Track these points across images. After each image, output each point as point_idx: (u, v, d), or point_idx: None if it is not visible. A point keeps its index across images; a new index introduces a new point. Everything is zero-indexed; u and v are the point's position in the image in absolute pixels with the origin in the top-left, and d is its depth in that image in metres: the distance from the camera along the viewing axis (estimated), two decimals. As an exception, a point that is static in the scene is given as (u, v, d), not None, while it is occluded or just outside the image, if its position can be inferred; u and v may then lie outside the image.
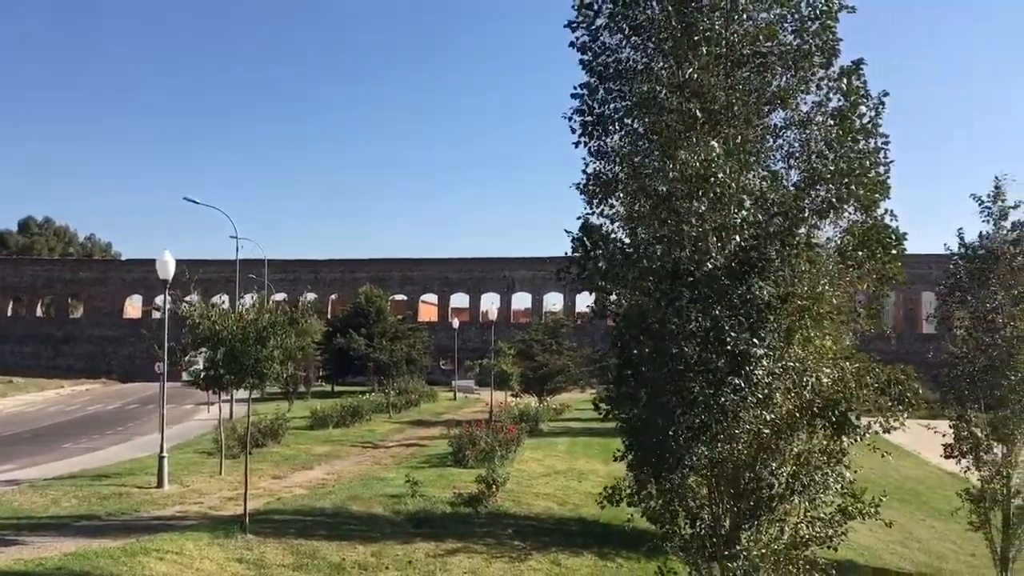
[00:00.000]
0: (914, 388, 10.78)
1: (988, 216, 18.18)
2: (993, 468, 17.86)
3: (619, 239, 10.18)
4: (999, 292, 17.70)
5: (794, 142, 10.22)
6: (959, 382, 18.00)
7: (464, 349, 71.52)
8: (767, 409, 9.42)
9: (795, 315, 9.87)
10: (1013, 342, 17.31)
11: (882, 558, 19.44)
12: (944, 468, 20.40)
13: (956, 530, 21.23)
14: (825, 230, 10.41)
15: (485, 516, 18.69)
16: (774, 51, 9.62)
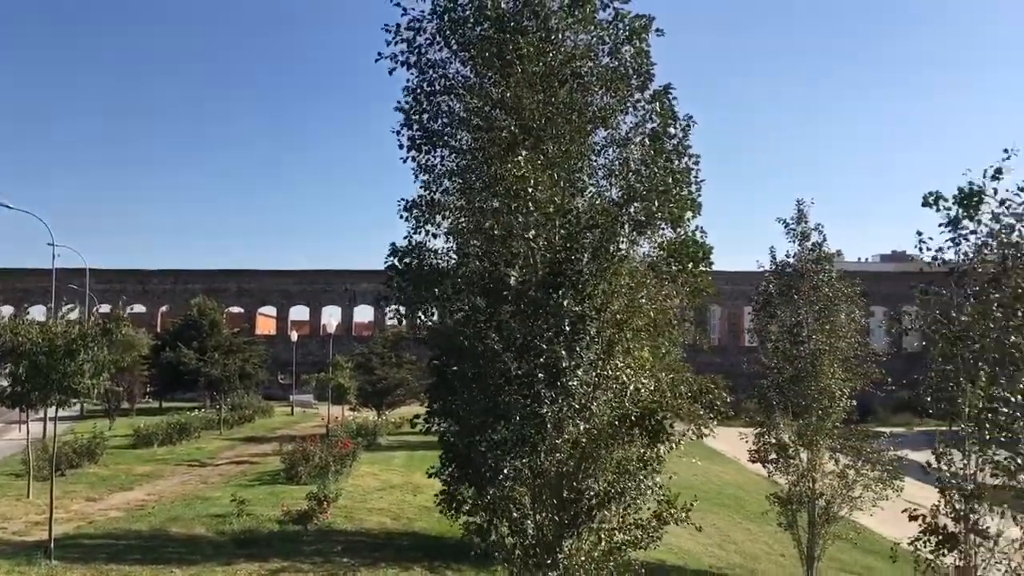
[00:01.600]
0: (722, 396, 11.37)
1: (793, 237, 19.65)
2: (799, 472, 19.13)
3: (439, 256, 10.26)
4: (803, 307, 19.09)
5: (614, 160, 10.62)
6: (768, 391, 19.24)
7: (304, 363, 69.78)
8: (586, 419, 9.67)
9: (614, 328, 10.20)
10: (816, 354, 18.68)
11: (701, 560, 20.36)
12: (761, 473, 21.65)
13: (769, 531, 22.54)
14: (642, 245, 10.88)
15: (314, 533, 18.24)
16: (592, 72, 9.96)
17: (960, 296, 10.99)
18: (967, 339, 10.69)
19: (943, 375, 10.99)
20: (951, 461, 10.85)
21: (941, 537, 10.89)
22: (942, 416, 11.12)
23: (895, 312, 15.49)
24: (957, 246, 10.99)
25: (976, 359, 10.62)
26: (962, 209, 10.80)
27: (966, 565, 10.77)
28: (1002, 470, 10.54)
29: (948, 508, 10.83)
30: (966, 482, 10.74)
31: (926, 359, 11.78)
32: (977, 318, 10.67)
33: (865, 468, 19.04)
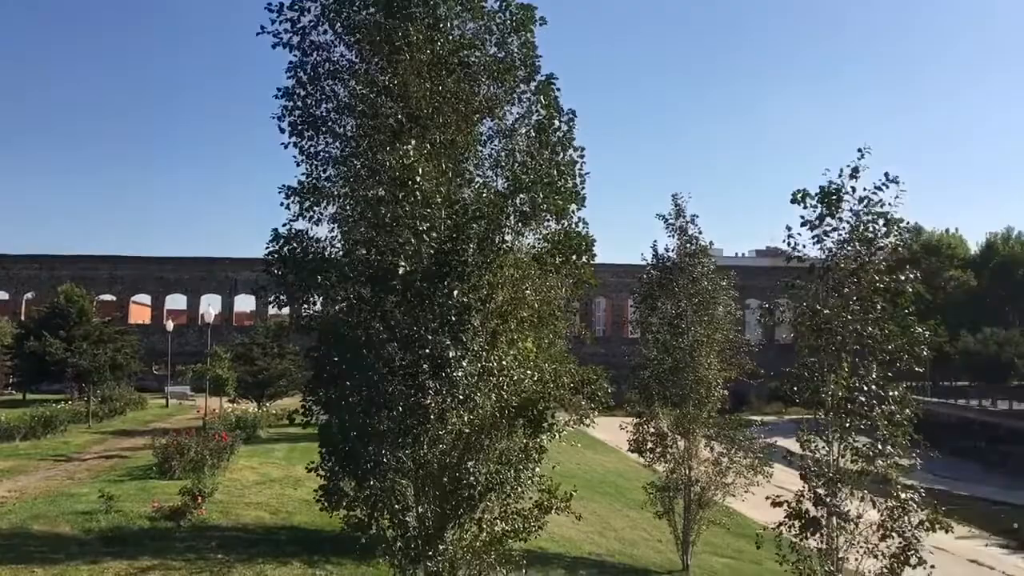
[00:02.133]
0: (604, 387, 11.60)
1: (672, 231, 20.26)
2: (676, 460, 19.76)
3: (323, 245, 10.06)
4: (683, 300, 19.70)
5: (500, 151, 10.65)
6: (648, 382, 19.78)
7: (181, 353, 67.28)
8: (470, 410, 9.66)
9: (499, 318, 10.24)
10: (695, 345, 19.32)
11: (581, 547, 20.73)
12: (641, 462, 22.30)
13: (647, 518, 23.12)
14: (527, 237, 10.96)
15: (188, 530, 17.61)
16: (480, 62, 9.95)
17: (824, 290, 11.54)
18: (829, 331, 11.25)
19: (808, 366, 11.53)
20: (815, 448, 11.41)
21: (804, 521, 11.43)
22: (808, 405, 11.68)
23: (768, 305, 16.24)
24: (821, 242, 11.55)
25: (838, 350, 11.19)
26: (824, 207, 11.35)
27: (828, 547, 11.35)
28: (861, 456, 11.15)
29: (811, 493, 11.37)
30: (828, 468, 11.31)
31: (795, 350, 12.35)
32: (838, 311, 11.24)
33: (738, 455, 19.83)
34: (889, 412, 10.97)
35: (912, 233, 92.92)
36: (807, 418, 11.94)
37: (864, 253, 11.32)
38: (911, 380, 12.28)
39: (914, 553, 10.91)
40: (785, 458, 12.37)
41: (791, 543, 11.68)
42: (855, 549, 11.33)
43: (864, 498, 11.45)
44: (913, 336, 11.14)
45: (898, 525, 11.02)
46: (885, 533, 11.07)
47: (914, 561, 10.92)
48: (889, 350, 11.11)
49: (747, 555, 22.92)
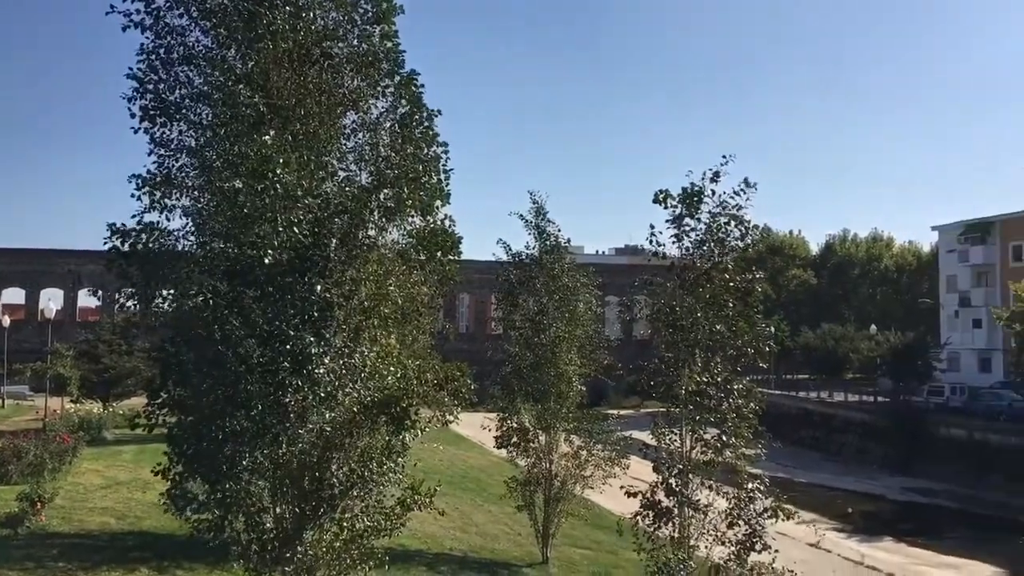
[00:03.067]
0: (467, 384, 11.64)
1: (531, 229, 20.59)
2: (537, 454, 20.11)
3: (176, 238, 9.65)
4: (545, 296, 20.04)
5: (364, 145, 10.51)
6: (511, 378, 20.03)
7: (19, 351, 62.86)
8: (331, 408, 9.50)
9: (362, 315, 10.11)
10: (556, 341, 19.69)
11: (443, 544, 20.77)
12: (504, 457, 22.56)
13: (509, 512, 23.42)
14: (392, 232, 10.87)
15: (26, 537, 16.55)
16: (343, 53, 9.78)
17: (680, 288, 12.02)
18: (684, 328, 11.73)
19: (664, 361, 11.98)
20: (669, 440, 11.87)
21: (658, 511, 11.88)
22: (663, 399, 12.13)
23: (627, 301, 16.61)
24: (680, 241, 12.03)
25: (691, 346, 11.68)
26: (685, 207, 11.83)
27: (680, 536, 11.82)
28: (710, 447, 11.69)
29: (664, 484, 11.82)
30: (680, 459, 11.79)
31: (653, 346, 12.81)
32: (692, 308, 11.74)
33: (596, 448, 20.37)
34: (736, 405, 11.54)
35: (760, 234, 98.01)
36: (662, 411, 12.40)
37: (718, 253, 11.85)
38: (757, 374, 12.96)
39: (759, 540, 11.52)
40: (641, 450, 12.80)
41: (647, 532, 12.10)
42: (705, 537, 11.86)
43: (713, 488, 12.00)
44: (760, 333, 11.77)
45: (745, 513, 11.61)
46: (733, 521, 11.64)
47: (759, 547, 11.52)
48: (738, 346, 11.69)
49: (605, 545, 23.57)
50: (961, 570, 27.72)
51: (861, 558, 28.17)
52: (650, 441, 12.47)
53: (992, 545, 31.23)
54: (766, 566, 11.58)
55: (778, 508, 11.65)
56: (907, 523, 36.01)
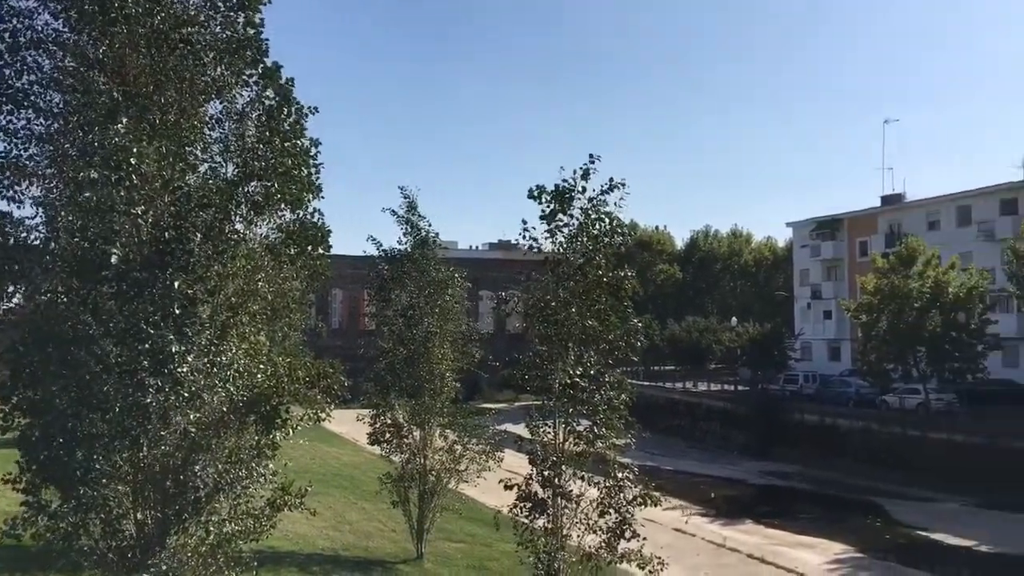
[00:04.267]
0: (340, 380, 11.46)
1: (403, 224, 20.45)
2: (412, 450, 20.03)
3: (25, 229, 9.07)
4: (416, 292, 19.94)
5: (230, 136, 10.16)
6: (384, 373, 19.86)
7: None
8: (196, 408, 9.15)
9: (229, 311, 9.78)
10: (428, 336, 19.63)
11: (315, 543, 20.40)
12: (379, 453, 22.32)
13: (383, 509, 23.21)
14: (260, 226, 10.56)
15: None
16: (204, 40, 9.42)
17: (554, 282, 12.20)
18: (558, 322, 11.93)
19: (538, 354, 12.15)
20: (543, 433, 12.05)
21: (533, 503, 12.04)
22: (537, 392, 12.29)
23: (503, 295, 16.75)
24: (553, 237, 12.19)
25: (565, 340, 11.88)
26: (557, 203, 11.99)
27: (554, 526, 12.02)
28: (583, 439, 11.93)
29: (539, 476, 11.99)
30: (554, 451, 11.98)
31: (526, 340, 12.97)
32: (566, 303, 11.94)
33: (471, 443, 20.45)
34: (608, 397, 11.82)
35: (629, 230, 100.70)
36: (536, 405, 12.57)
37: (590, 249, 12.08)
38: (626, 366, 13.30)
39: (629, 527, 11.84)
40: (516, 443, 12.96)
41: (522, 524, 12.24)
42: (577, 526, 12.10)
43: (585, 478, 12.25)
44: (631, 327, 12.09)
45: (615, 502, 11.90)
46: (604, 510, 11.92)
47: (628, 534, 11.84)
48: (610, 340, 11.97)
49: (479, 538, 23.70)
50: (815, 548, 29.30)
51: (723, 540, 29.38)
52: (525, 434, 12.63)
53: (842, 523, 33.21)
54: (635, 552, 11.90)
55: (646, 496, 11.99)
56: (766, 505, 37.78)
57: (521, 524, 12.16)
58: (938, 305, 42.54)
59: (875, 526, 33.11)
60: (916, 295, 42.89)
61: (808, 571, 25.72)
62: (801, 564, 26.56)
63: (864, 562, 27.60)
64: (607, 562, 12.04)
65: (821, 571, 26.01)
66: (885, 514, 34.85)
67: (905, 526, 32.99)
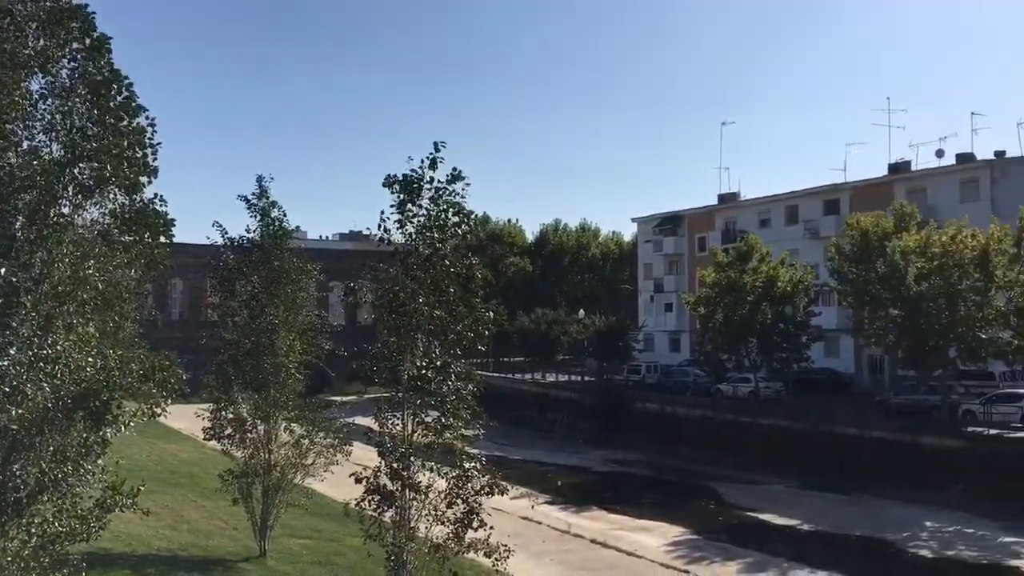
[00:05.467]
0: (177, 373, 10.97)
1: (254, 212, 19.76)
2: (256, 445, 19.42)
3: None
4: (262, 282, 19.32)
5: (56, 113, 9.51)
6: (227, 366, 19.15)
7: None
8: (18, 404, 8.56)
9: (55, 301, 9.20)
10: (275, 328, 19.08)
11: (150, 544, 19.47)
12: (220, 449, 21.50)
13: (224, 507, 22.42)
14: (91, 211, 9.96)
15: None
16: (26, 10, 8.78)
17: (403, 273, 12.13)
18: (407, 312, 11.87)
19: (387, 345, 12.06)
20: (391, 425, 11.98)
21: (382, 496, 11.97)
22: (386, 384, 12.21)
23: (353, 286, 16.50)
24: (403, 227, 12.12)
25: (414, 331, 11.84)
26: (406, 194, 11.93)
27: (402, 518, 11.99)
28: (431, 430, 11.95)
29: (388, 468, 11.92)
30: (402, 443, 11.94)
31: (376, 331, 12.84)
32: (415, 294, 11.90)
33: (318, 436, 20.04)
34: (456, 388, 11.88)
35: (480, 222, 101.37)
36: (385, 396, 12.48)
37: (439, 239, 12.08)
38: (476, 357, 13.28)
39: (476, 516, 11.95)
40: (366, 436, 12.81)
41: (371, 517, 12.14)
42: (426, 518, 12.12)
43: (434, 469, 12.28)
44: (479, 318, 12.18)
45: (463, 492, 11.99)
46: (451, 501, 11.98)
47: (476, 524, 11.96)
48: (458, 330, 12.02)
49: (326, 533, 23.33)
50: (654, 532, 30.58)
51: (568, 527, 30.18)
52: (374, 426, 12.51)
53: (680, 507, 34.82)
54: (482, 541, 12.04)
55: (494, 485, 12.14)
56: (609, 492, 39.08)
57: (369, 517, 12.06)
58: (769, 299, 45.20)
59: (710, 509, 34.89)
60: (750, 289, 45.39)
61: (647, 554, 26.80)
62: (641, 547, 27.65)
63: (699, 543, 29.03)
64: (455, 552, 12.13)
65: (660, 553, 27.16)
66: (719, 497, 36.78)
67: (737, 508, 34.93)
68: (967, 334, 35.91)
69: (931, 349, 37.28)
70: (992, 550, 27.55)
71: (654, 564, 25.70)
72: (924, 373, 39.97)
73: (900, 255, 37.73)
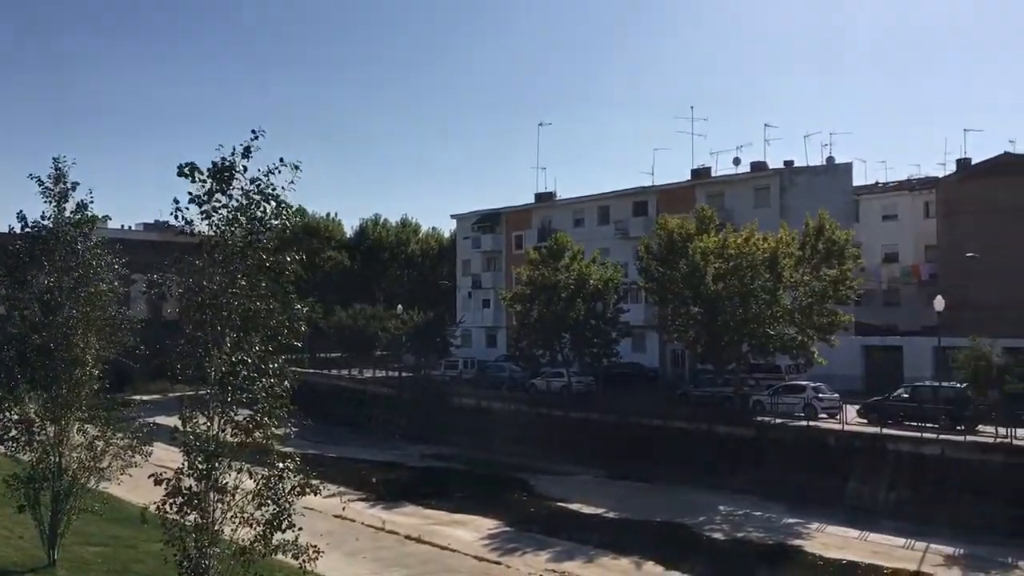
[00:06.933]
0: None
1: (50, 197, 18.13)
2: (45, 448, 17.96)
3: None
4: (58, 274, 17.85)
5: None
6: (12, 364, 17.57)
7: None
8: None
9: None
10: (70, 323, 17.69)
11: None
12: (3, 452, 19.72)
13: (8, 514, 20.69)
14: None
15: None
16: None
17: (211, 266, 11.63)
18: (215, 307, 11.39)
19: (193, 341, 11.53)
20: (197, 424, 11.46)
21: (185, 498, 11.43)
22: (192, 381, 11.67)
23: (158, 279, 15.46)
24: (210, 218, 11.61)
25: (223, 326, 11.39)
26: (216, 183, 11.44)
27: (205, 521, 11.50)
28: (241, 428, 11.54)
29: (192, 469, 11.40)
30: (209, 443, 11.45)
31: (182, 326, 12.21)
32: (225, 287, 11.45)
33: (116, 437, 18.80)
34: (269, 385, 11.53)
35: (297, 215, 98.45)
36: (191, 394, 11.94)
37: (252, 231, 11.67)
38: (291, 353, 12.84)
39: (286, 517, 11.66)
40: (170, 436, 12.20)
41: (174, 520, 11.58)
42: (232, 520, 11.69)
43: (244, 469, 11.87)
44: (293, 312, 11.87)
45: (273, 492, 11.66)
46: (261, 502, 11.63)
47: (285, 525, 11.67)
48: (272, 325, 11.67)
49: (124, 540, 22.06)
50: (468, 525, 31.00)
51: (382, 524, 30.07)
52: (180, 426, 11.92)
53: (494, 500, 35.49)
54: (290, 543, 11.77)
55: (306, 485, 11.91)
56: (425, 487, 39.22)
57: (170, 521, 11.50)
58: (581, 295, 46.84)
59: (523, 501, 35.79)
60: (563, 286, 46.84)
61: (462, 547, 27.17)
62: (455, 541, 27.98)
63: (513, 535, 29.74)
64: (261, 555, 11.79)
65: (474, 546, 27.59)
66: (531, 489, 37.82)
67: (548, 499, 36.05)
68: (758, 330, 38.76)
69: (727, 344, 39.94)
70: (777, 531, 29.90)
71: (467, 557, 26.07)
72: (720, 367, 42.72)
73: (700, 256, 40.15)
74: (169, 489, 11.50)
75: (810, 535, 29.20)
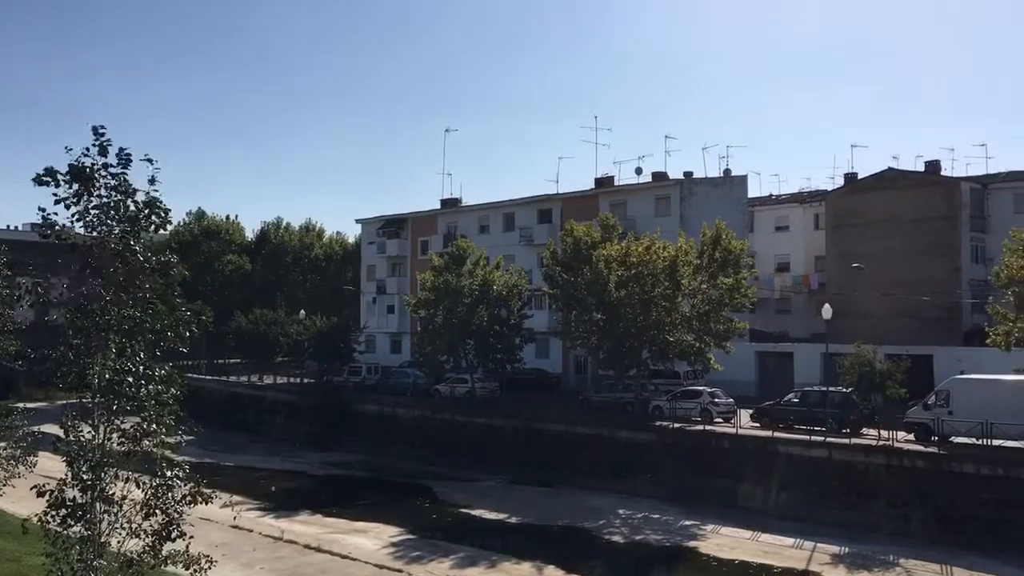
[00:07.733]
0: None
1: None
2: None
3: None
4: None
5: None
6: None
7: None
8: None
9: None
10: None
11: None
12: None
13: None
14: None
15: None
16: None
17: (86, 269, 11.21)
18: (93, 312, 10.98)
19: (74, 347, 11.10)
20: (80, 433, 11.03)
21: (69, 509, 10.98)
22: (73, 388, 11.23)
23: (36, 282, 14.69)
24: (83, 219, 11.17)
25: (105, 331, 10.99)
26: (80, 184, 11.00)
27: (91, 533, 11.08)
28: (128, 437, 11.17)
29: (76, 480, 10.97)
30: (94, 452, 11.04)
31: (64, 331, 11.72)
32: (103, 291, 11.04)
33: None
34: (156, 392, 11.18)
35: (194, 217, 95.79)
36: (73, 402, 11.50)
37: (127, 232, 11.28)
38: (187, 359, 12.34)
39: (176, 527, 11.33)
40: (54, 444, 11.71)
41: (54, 533, 11.11)
42: (119, 531, 11.30)
43: (131, 479, 11.48)
44: (180, 316, 11.54)
45: (162, 502, 11.31)
46: (149, 512, 11.27)
47: (175, 535, 11.34)
48: (157, 330, 11.32)
49: (6, 554, 21.05)
50: (369, 533, 30.67)
51: (281, 533, 29.50)
52: (59, 436, 11.46)
53: (396, 507, 35.21)
54: (181, 553, 11.46)
55: (197, 494, 11.59)
56: (326, 495, 38.64)
57: (52, 533, 11.03)
58: (485, 301, 47.00)
59: (426, 507, 35.63)
60: (467, 292, 46.91)
61: (363, 556, 26.88)
62: (355, 549, 27.67)
63: (415, 542, 29.56)
64: (150, 566, 11.43)
65: (376, 554, 27.33)
66: (434, 495, 37.69)
67: (451, 505, 35.98)
68: (658, 336, 39.67)
69: (628, 350, 40.70)
70: (674, 533, 30.62)
71: (368, 565, 25.82)
72: (621, 372, 43.49)
73: (603, 263, 40.84)
74: (52, 500, 11.03)
75: (705, 536, 29.98)
